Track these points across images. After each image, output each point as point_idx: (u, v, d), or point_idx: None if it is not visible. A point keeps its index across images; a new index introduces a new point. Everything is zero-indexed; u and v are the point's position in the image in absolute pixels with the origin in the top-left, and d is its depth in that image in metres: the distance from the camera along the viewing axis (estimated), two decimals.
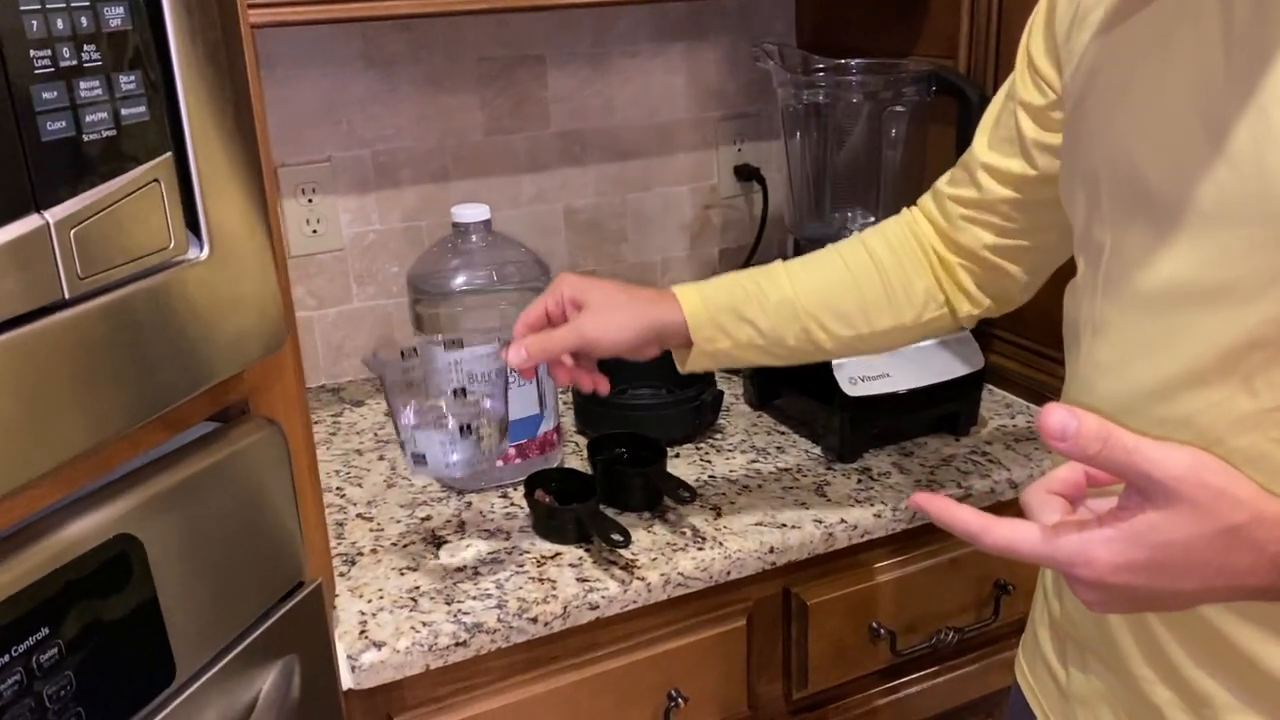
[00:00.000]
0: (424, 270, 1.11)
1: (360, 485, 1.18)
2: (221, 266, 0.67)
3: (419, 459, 0.94)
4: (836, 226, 1.25)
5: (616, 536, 0.98)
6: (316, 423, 1.33)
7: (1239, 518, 0.52)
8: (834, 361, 1.17)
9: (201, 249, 0.65)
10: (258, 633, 0.74)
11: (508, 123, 1.45)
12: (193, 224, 0.65)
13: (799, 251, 1.26)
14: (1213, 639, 0.64)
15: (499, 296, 1.09)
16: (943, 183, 0.93)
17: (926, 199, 0.95)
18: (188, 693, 0.68)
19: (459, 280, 1.08)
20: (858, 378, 1.16)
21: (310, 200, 1.37)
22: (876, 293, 0.92)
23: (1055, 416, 0.51)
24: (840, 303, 0.91)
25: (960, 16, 1.27)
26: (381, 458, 1.24)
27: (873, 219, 1.23)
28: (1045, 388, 1.27)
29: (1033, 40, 0.80)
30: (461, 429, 0.94)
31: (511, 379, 1.08)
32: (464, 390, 0.95)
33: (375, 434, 1.29)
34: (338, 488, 1.17)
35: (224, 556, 0.71)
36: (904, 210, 0.97)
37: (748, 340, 0.91)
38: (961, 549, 1.16)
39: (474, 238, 1.10)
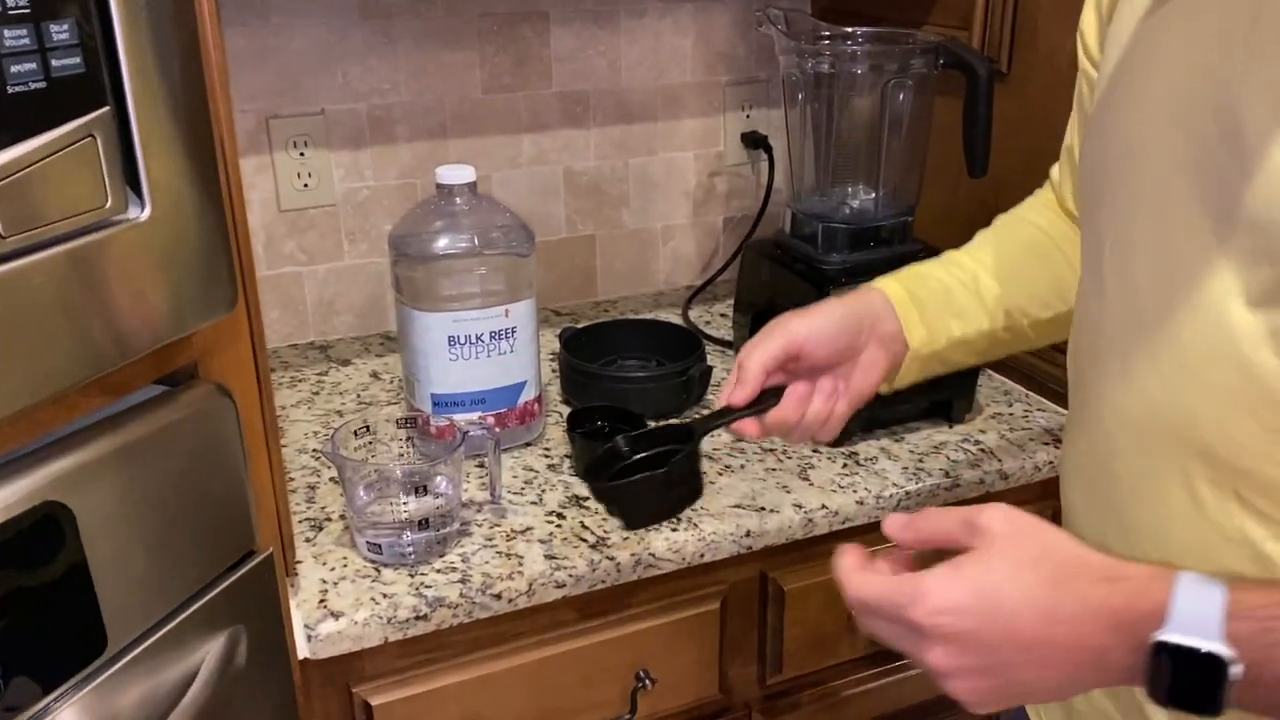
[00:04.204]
0: (405, 231, 1.08)
1: (364, 444, 1.15)
2: (164, 227, 0.64)
3: (375, 549, 0.94)
4: (835, 201, 1.21)
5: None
6: (300, 381, 1.31)
7: (1050, 538, 0.56)
8: None
9: (142, 208, 0.62)
10: (201, 603, 0.72)
11: (508, 81, 1.41)
12: (133, 182, 0.62)
13: (797, 224, 1.22)
14: None
15: (480, 261, 1.06)
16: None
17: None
18: (122, 662, 0.67)
19: (441, 243, 1.05)
20: None
21: (302, 154, 1.34)
22: (1061, 265, 0.84)
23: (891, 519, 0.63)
24: (1032, 283, 0.84)
25: None
26: (390, 417, 1.21)
27: (873, 195, 1.19)
28: (1048, 377, 1.23)
29: (1085, 13, 0.77)
30: (419, 523, 0.94)
31: (496, 345, 1.06)
32: (424, 487, 0.95)
33: (359, 395, 1.27)
34: (314, 450, 1.15)
35: (166, 525, 0.69)
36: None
37: (960, 333, 0.83)
38: None
39: (459, 200, 1.07)
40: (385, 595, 0.91)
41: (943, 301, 0.82)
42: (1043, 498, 1.11)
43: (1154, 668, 0.51)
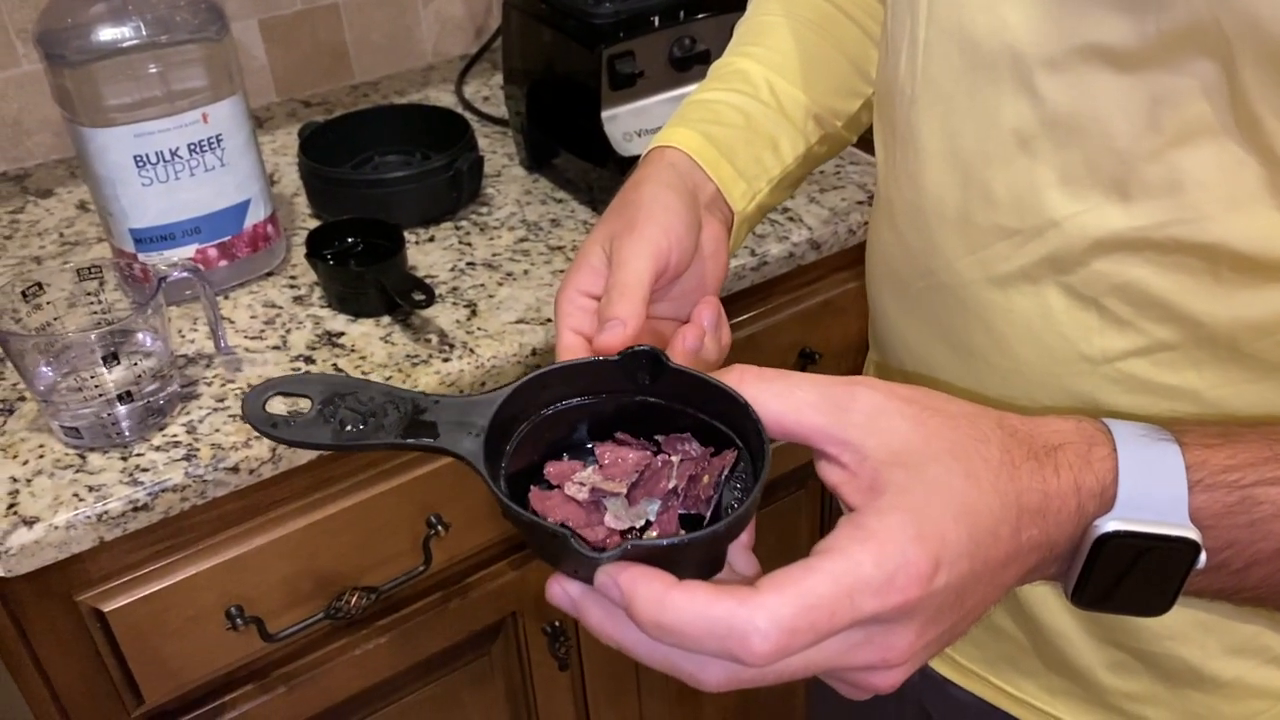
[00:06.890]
0: (51, 26, 0.84)
1: (37, 305, 0.95)
2: None
3: (73, 433, 0.76)
4: None
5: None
6: None
7: (942, 403, 0.38)
8: (604, 113, 0.97)
9: None
10: None
11: None
12: None
13: None
14: None
15: (157, 55, 0.83)
16: None
17: None
18: None
19: (99, 36, 0.82)
20: (633, 133, 0.97)
21: None
22: (855, 36, 0.66)
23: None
24: (833, 73, 0.65)
25: None
26: (66, 264, 1.00)
27: None
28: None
29: None
30: (120, 397, 0.76)
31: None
32: (114, 355, 0.76)
33: (61, 234, 1.05)
34: (13, 309, 0.94)
35: None
36: None
37: (779, 170, 0.62)
38: (765, 319, 1.03)
39: None
40: (91, 489, 0.74)
41: (747, 137, 0.61)
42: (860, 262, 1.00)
43: (1095, 562, 0.39)
